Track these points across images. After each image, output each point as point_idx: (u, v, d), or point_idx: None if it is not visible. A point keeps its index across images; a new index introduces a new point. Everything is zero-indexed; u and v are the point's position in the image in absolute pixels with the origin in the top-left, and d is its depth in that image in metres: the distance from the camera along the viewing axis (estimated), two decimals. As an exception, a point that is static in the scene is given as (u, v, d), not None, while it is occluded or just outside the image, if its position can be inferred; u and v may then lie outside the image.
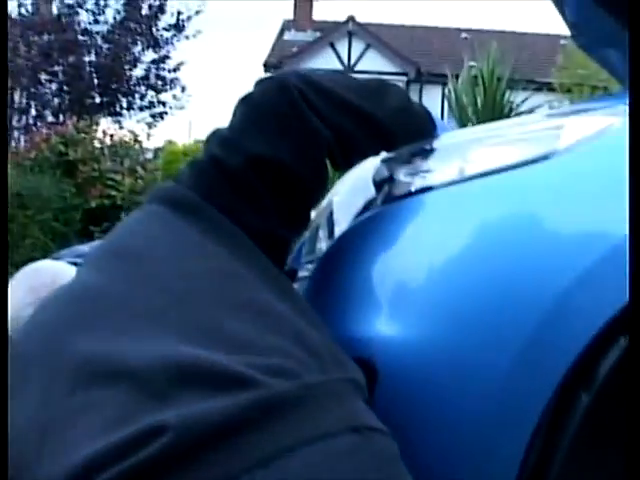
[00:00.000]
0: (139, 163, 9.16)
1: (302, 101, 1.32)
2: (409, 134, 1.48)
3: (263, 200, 1.32)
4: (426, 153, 1.43)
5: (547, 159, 1.25)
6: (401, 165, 1.44)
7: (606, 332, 1.14)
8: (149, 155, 10.40)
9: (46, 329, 1.21)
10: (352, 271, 1.39)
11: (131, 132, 9.87)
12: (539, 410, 1.17)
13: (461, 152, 1.38)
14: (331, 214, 1.66)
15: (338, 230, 1.58)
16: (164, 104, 17.69)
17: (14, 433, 1.09)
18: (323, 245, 1.63)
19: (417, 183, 1.38)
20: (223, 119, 1.39)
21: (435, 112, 1.58)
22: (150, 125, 15.58)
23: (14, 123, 15.87)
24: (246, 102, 1.37)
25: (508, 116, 11.57)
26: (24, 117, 15.59)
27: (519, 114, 11.57)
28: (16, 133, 15.33)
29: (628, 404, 1.08)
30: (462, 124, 12.01)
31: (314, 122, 1.33)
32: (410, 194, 1.37)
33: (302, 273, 1.61)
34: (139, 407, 1.02)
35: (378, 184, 1.48)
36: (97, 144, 9.29)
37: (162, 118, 16.98)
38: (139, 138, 9.82)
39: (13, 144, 14.49)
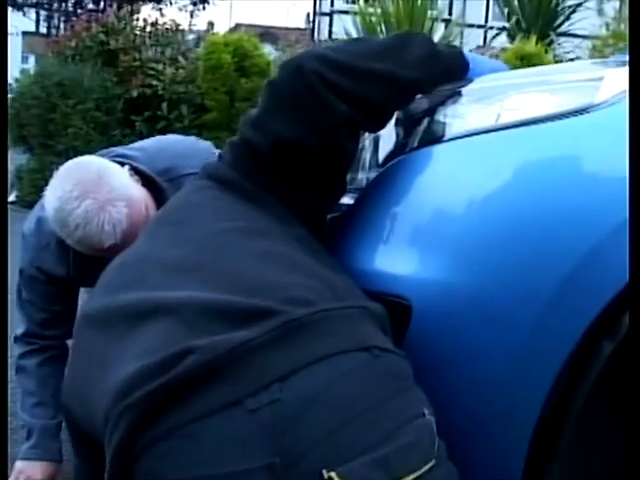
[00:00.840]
0: (180, 52, 9.10)
1: (318, 81, 1.41)
2: (438, 80, 1.53)
3: (293, 176, 1.44)
4: (462, 96, 1.46)
5: (584, 112, 1.27)
6: (438, 106, 1.48)
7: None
8: (191, 39, 10.31)
9: (103, 292, 1.38)
10: (390, 208, 1.44)
11: (172, 20, 9.77)
12: (564, 354, 1.23)
13: (498, 98, 1.40)
14: (376, 145, 1.69)
15: (381, 161, 1.62)
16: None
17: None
18: (365, 176, 1.66)
19: (455, 126, 1.42)
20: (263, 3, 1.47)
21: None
22: (192, 13, 15.32)
23: (54, 6, 15.73)
24: (269, 87, 1.48)
25: (555, 10, 11.28)
26: (64, 3, 15.36)
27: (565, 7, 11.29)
28: (56, 21, 15.19)
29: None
30: (508, 15, 11.75)
31: (330, 101, 1.41)
32: (448, 138, 1.40)
33: (344, 200, 1.64)
34: (174, 337, 1.17)
35: (415, 121, 1.52)
36: (138, 32, 9.21)
37: (203, 7, 16.56)
38: (180, 27, 9.74)
39: (54, 32, 14.42)
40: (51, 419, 2.17)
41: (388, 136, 1.62)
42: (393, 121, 1.58)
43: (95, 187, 1.78)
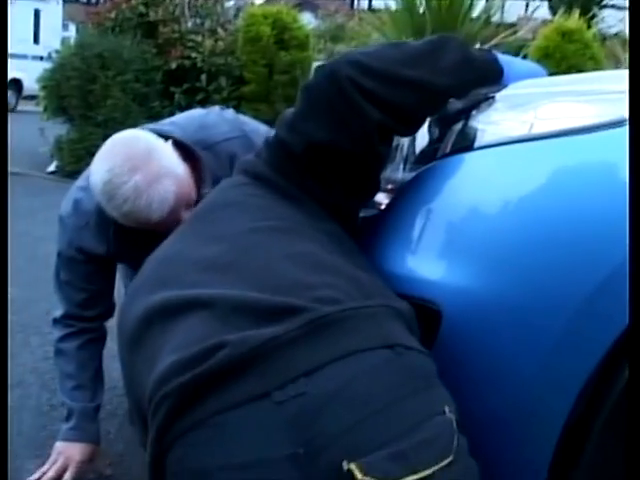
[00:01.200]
0: (219, 24, 9.09)
1: (352, 87, 1.43)
2: (472, 86, 1.54)
3: (326, 176, 1.48)
4: (496, 102, 1.46)
5: (620, 125, 1.27)
6: (472, 110, 1.49)
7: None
8: (231, 6, 10.26)
9: (142, 289, 1.43)
10: (422, 214, 1.45)
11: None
12: (587, 373, 1.24)
13: (532, 105, 1.40)
14: (412, 144, 1.70)
15: (414, 162, 1.64)
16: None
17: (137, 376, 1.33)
18: (399, 175, 1.68)
19: (489, 133, 1.42)
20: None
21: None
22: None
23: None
24: (304, 91, 1.52)
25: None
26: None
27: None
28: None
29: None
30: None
31: (363, 106, 1.43)
32: (482, 146, 1.41)
33: (377, 198, 1.66)
34: (208, 331, 1.22)
35: (449, 123, 1.53)
36: (177, 3, 9.20)
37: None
38: (220, -2, 9.72)
39: (93, 0, 14.43)
40: (90, 402, 2.22)
41: (423, 136, 1.64)
42: (427, 122, 1.59)
43: (145, 163, 1.82)
